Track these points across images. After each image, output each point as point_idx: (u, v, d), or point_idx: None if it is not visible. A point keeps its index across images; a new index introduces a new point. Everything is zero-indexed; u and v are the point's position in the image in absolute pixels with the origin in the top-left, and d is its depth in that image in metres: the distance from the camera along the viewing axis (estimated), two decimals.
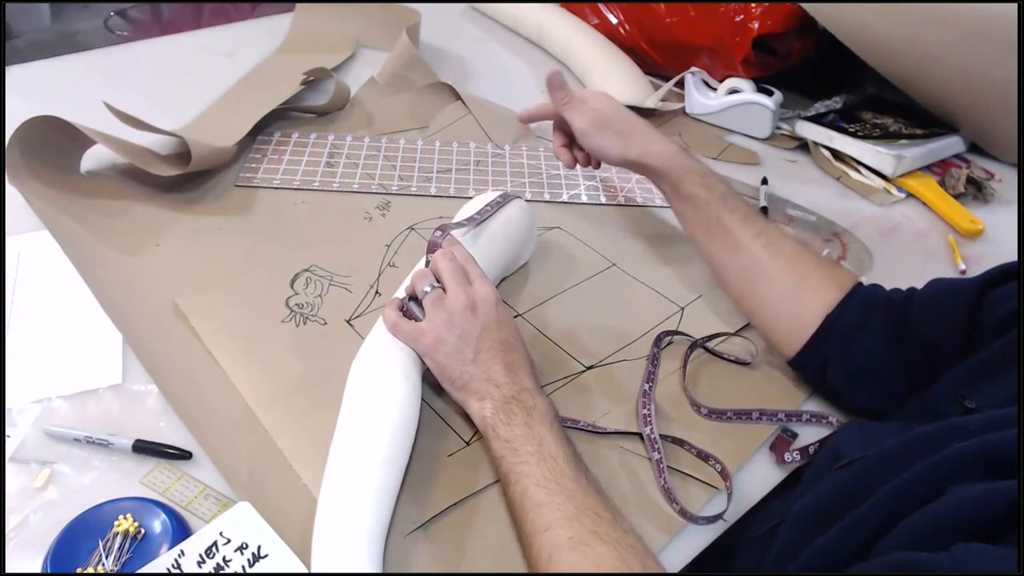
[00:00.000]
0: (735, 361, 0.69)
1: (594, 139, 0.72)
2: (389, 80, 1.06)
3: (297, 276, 0.72)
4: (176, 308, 0.67)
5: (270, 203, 0.82)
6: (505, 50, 1.23)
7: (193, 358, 0.63)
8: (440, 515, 0.54)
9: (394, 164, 0.90)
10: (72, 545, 0.48)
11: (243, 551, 0.47)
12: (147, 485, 0.54)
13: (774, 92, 1.03)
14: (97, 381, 0.61)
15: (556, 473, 0.50)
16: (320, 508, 0.50)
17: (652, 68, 1.14)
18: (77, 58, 1.07)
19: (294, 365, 0.64)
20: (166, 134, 0.81)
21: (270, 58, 1.09)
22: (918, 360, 0.59)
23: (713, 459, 0.60)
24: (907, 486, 0.43)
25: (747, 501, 0.59)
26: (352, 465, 0.52)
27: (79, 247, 0.73)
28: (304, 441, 0.58)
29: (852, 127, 1.00)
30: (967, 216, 0.90)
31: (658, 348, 0.68)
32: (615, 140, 0.72)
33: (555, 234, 0.82)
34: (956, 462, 0.42)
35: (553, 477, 0.50)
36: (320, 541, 0.48)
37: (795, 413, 0.65)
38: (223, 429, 0.58)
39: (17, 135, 0.75)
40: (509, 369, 0.57)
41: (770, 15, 1.02)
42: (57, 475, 0.54)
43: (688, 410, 0.64)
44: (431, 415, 0.61)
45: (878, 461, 0.48)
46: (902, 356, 0.60)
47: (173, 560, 0.46)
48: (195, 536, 0.48)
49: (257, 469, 0.56)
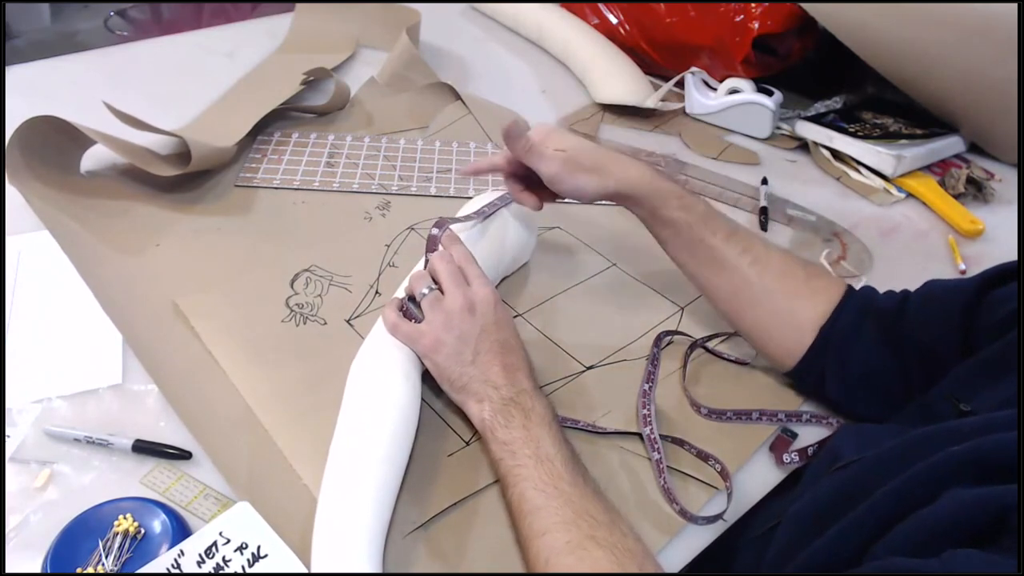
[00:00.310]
0: (735, 361, 0.69)
1: (568, 183, 0.64)
2: (389, 80, 1.06)
3: (297, 276, 0.72)
4: (176, 308, 0.67)
5: (270, 203, 0.82)
6: (505, 50, 1.23)
7: (193, 358, 0.63)
8: (440, 515, 0.54)
9: (394, 164, 0.90)
10: (72, 545, 0.49)
11: (243, 551, 0.47)
12: (147, 485, 0.54)
13: (774, 92, 1.03)
14: (97, 381, 0.61)
15: (553, 476, 0.50)
16: (320, 508, 0.50)
17: (652, 68, 1.14)
18: (77, 58, 1.07)
19: (294, 365, 0.64)
20: (166, 134, 0.81)
21: (270, 58, 1.09)
22: (915, 364, 0.58)
23: (713, 459, 0.60)
24: (902, 489, 0.43)
25: (747, 501, 0.59)
26: (352, 465, 0.52)
27: (79, 247, 0.73)
28: (304, 441, 0.58)
29: (852, 127, 1.00)
30: (967, 216, 0.90)
31: (658, 348, 0.68)
32: (589, 178, 0.64)
33: (555, 234, 0.82)
34: (950, 466, 0.42)
35: (550, 480, 0.50)
36: (320, 540, 0.48)
37: (795, 413, 0.65)
38: (223, 429, 0.58)
39: (17, 135, 0.75)
40: (507, 371, 0.57)
41: (770, 15, 1.02)
42: (57, 475, 0.54)
43: (688, 410, 0.64)
44: (431, 415, 0.61)
45: (875, 463, 0.48)
46: (898, 361, 0.59)
47: (173, 560, 0.46)
48: (195, 536, 0.48)
49: (257, 469, 0.56)
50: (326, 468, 0.52)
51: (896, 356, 0.59)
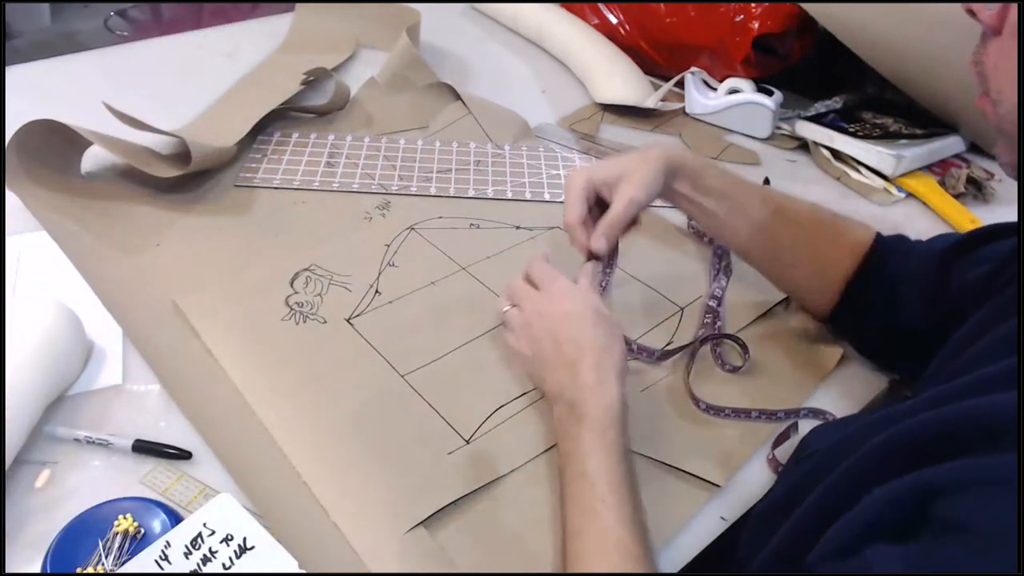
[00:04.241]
0: (731, 370, 0.68)
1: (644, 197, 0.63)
2: (389, 80, 1.06)
3: (297, 275, 0.72)
4: (176, 307, 0.67)
5: (270, 203, 0.82)
6: (505, 50, 1.23)
7: (193, 357, 0.63)
8: (439, 513, 0.54)
9: (394, 164, 0.90)
10: (72, 545, 0.48)
11: (228, 543, 0.47)
12: (147, 485, 0.54)
13: (774, 92, 1.03)
14: (97, 381, 0.61)
15: (594, 500, 0.49)
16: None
17: (652, 68, 1.14)
18: (77, 58, 1.07)
19: (293, 363, 0.64)
20: (166, 134, 0.81)
21: (270, 58, 1.10)
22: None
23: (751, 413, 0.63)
24: (836, 486, 0.42)
25: (747, 501, 0.59)
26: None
27: (79, 247, 0.73)
28: (302, 438, 0.58)
29: (852, 127, 0.99)
30: (967, 216, 0.90)
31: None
32: (647, 173, 0.63)
33: (555, 234, 0.82)
34: (872, 458, 0.41)
35: (591, 504, 0.49)
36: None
37: (794, 411, 0.65)
38: (223, 427, 0.58)
39: (15, 140, 0.74)
40: (572, 366, 0.55)
41: (770, 15, 1.02)
42: (57, 475, 0.54)
43: (687, 407, 0.64)
44: (431, 413, 0.61)
45: (825, 457, 0.47)
46: (926, 319, 0.62)
47: (160, 552, 0.46)
48: (180, 527, 0.48)
49: (256, 467, 0.56)
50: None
51: (927, 315, 0.62)
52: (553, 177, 0.92)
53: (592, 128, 1.03)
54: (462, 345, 0.67)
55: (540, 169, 0.93)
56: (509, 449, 0.59)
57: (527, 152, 0.96)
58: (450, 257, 0.77)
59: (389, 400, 0.62)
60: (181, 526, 0.48)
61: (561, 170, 0.93)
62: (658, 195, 0.65)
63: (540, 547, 0.53)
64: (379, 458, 0.57)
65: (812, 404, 0.66)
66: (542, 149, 0.97)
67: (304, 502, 0.53)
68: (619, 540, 0.47)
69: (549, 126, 1.03)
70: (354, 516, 0.53)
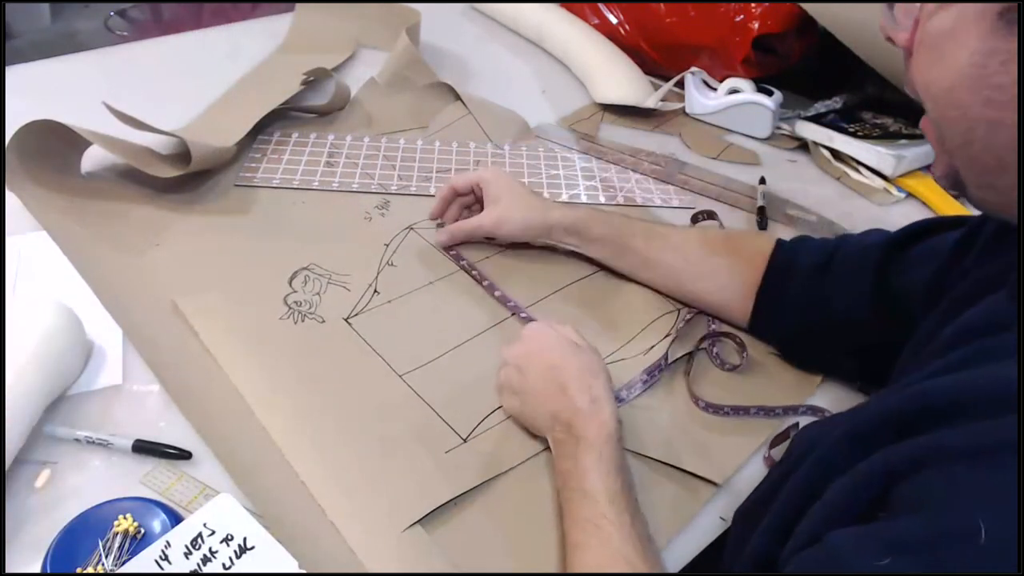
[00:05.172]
0: (730, 369, 0.68)
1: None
2: (389, 80, 1.06)
3: (296, 274, 0.73)
4: (175, 307, 0.67)
5: (270, 203, 0.82)
6: (505, 50, 1.23)
7: (193, 357, 0.63)
8: (437, 511, 0.54)
9: (394, 164, 0.90)
10: (72, 545, 0.48)
11: (228, 543, 0.47)
12: (147, 485, 0.54)
13: (774, 92, 1.03)
14: (97, 381, 0.61)
15: (595, 515, 0.50)
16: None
17: (652, 68, 1.14)
18: (77, 58, 1.07)
19: (292, 362, 0.64)
20: (166, 134, 0.81)
21: (270, 58, 1.09)
22: (841, 323, 0.63)
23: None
24: (807, 478, 0.43)
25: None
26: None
27: (79, 248, 0.73)
28: (301, 437, 0.58)
29: (852, 127, 0.99)
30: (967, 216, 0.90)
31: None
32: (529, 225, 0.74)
33: None
34: (836, 450, 0.42)
35: (592, 519, 0.50)
36: None
37: (792, 408, 0.65)
38: (223, 427, 0.58)
39: (15, 140, 0.74)
40: (563, 392, 0.56)
41: (770, 15, 1.02)
42: (57, 475, 0.54)
43: (687, 405, 0.64)
44: (428, 413, 0.61)
45: (800, 453, 0.47)
46: (844, 318, 0.63)
47: (160, 552, 0.46)
48: (180, 527, 0.48)
49: (256, 467, 0.56)
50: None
51: (828, 314, 0.63)
52: (553, 177, 0.92)
53: (592, 128, 1.03)
54: (460, 345, 0.67)
55: (540, 169, 0.93)
56: (506, 448, 0.59)
57: (527, 152, 0.96)
58: (449, 257, 0.77)
59: (387, 399, 0.62)
60: (181, 526, 0.48)
61: (561, 170, 0.93)
62: (529, 239, 0.75)
63: (537, 546, 0.53)
64: (377, 457, 0.57)
65: (812, 403, 0.66)
66: (542, 149, 0.97)
67: (304, 502, 0.53)
68: (623, 553, 0.48)
69: (549, 126, 1.03)
70: (352, 515, 0.53)
